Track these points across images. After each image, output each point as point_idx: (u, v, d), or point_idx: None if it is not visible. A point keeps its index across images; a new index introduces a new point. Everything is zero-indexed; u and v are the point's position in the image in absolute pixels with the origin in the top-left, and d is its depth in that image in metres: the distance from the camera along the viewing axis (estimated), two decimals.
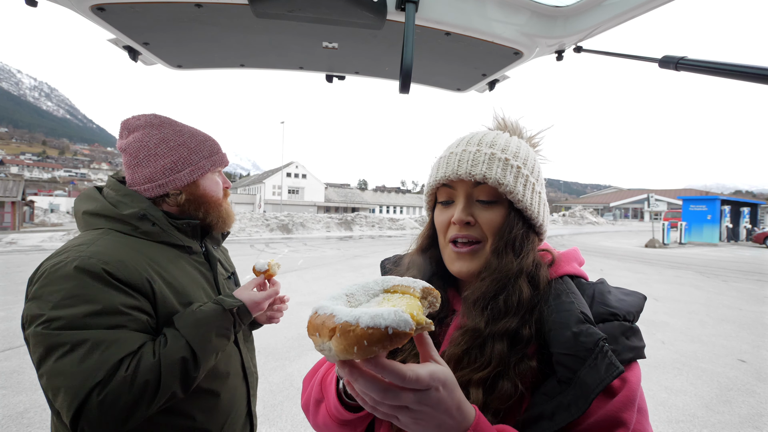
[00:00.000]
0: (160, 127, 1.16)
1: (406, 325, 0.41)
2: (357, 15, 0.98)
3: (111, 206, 1.09)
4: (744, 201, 29.33)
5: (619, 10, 0.99)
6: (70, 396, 0.84)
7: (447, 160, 0.76)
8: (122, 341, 0.91)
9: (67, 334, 0.87)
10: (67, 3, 0.94)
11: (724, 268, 12.74)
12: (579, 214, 51.37)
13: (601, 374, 0.56)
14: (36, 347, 0.88)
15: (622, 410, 0.59)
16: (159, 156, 1.13)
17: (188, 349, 0.97)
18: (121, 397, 0.86)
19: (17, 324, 5.66)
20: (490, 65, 1.30)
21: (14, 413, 3.36)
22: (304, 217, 28.13)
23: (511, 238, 0.71)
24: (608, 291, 0.72)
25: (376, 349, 0.41)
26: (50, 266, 0.94)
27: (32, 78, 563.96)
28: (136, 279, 0.98)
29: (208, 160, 1.21)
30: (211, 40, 1.19)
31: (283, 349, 4.75)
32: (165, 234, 1.12)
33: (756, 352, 5.04)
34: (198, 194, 1.19)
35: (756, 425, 3.33)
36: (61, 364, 0.85)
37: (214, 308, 1.07)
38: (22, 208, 31.86)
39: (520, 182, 0.73)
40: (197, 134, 1.21)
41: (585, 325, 0.62)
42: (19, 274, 9.72)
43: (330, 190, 79.72)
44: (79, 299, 0.90)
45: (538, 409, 0.59)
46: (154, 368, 0.91)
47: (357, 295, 0.53)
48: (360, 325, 0.41)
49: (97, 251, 0.97)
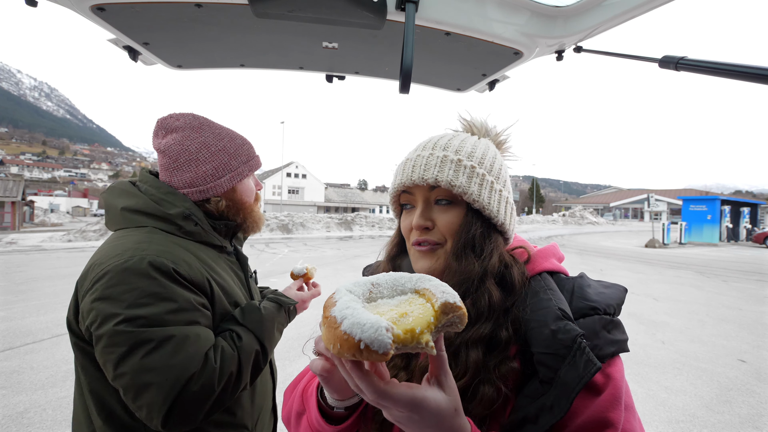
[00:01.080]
0: (200, 129, 1.14)
1: (381, 346, 0.38)
2: (357, 15, 0.98)
3: (154, 204, 1.07)
4: (744, 201, 29.33)
5: (619, 10, 0.99)
6: (165, 390, 0.85)
7: (403, 167, 0.76)
8: (202, 336, 0.94)
9: (151, 331, 0.87)
10: (67, 3, 0.94)
11: (724, 268, 12.74)
12: (579, 214, 51.37)
13: (580, 371, 0.55)
14: (116, 346, 0.86)
15: (608, 409, 0.57)
16: (200, 161, 1.12)
17: (258, 343, 1.04)
18: (214, 387, 0.91)
19: (17, 324, 5.66)
20: (490, 65, 1.30)
21: (14, 413, 3.36)
22: (304, 217, 28.13)
23: (470, 239, 0.70)
24: (588, 285, 0.70)
25: (347, 355, 0.39)
26: (117, 264, 0.92)
27: (32, 78, 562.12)
28: (199, 278, 1.01)
29: (246, 165, 1.20)
30: (211, 40, 1.19)
31: (283, 349, 4.74)
32: (206, 234, 1.12)
33: (756, 352, 5.04)
34: (236, 199, 1.19)
35: (756, 425, 3.33)
36: (150, 360, 0.85)
37: (275, 306, 1.15)
38: (22, 208, 31.85)
39: (474, 182, 0.71)
40: (235, 137, 1.20)
41: (563, 321, 0.60)
42: (19, 274, 9.71)
43: (330, 190, 79.70)
44: (157, 297, 0.90)
45: (522, 412, 0.58)
46: (235, 360, 0.97)
47: (382, 287, 0.50)
48: (340, 327, 0.40)
49: (161, 249, 0.97)
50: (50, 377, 4.03)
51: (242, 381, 0.99)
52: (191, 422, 0.89)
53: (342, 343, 0.39)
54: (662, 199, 64.15)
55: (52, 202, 67.77)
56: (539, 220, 47.01)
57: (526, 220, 45.78)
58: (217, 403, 0.93)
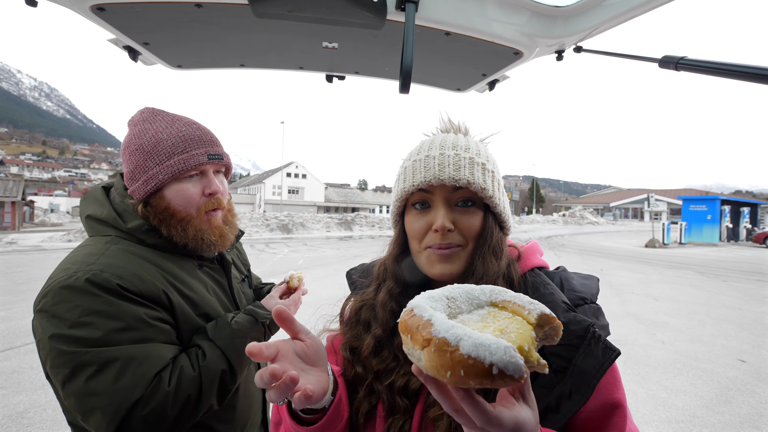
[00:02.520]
0: (132, 126, 1.07)
1: (517, 370, 0.34)
2: (357, 15, 0.97)
3: (115, 215, 1.03)
4: (744, 201, 29.33)
5: (619, 10, 0.99)
6: (109, 415, 0.80)
7: (425, 164, 0.73)
8: (154, 355, 0.88)
9: (94, 353, 0.82)
10: (67, 3, 0.94)
11: (724, 268, 12.74)
12: (579, 214, 51.36)
13: (599, 359, 0.58)
14: (60, 368, 0.82)
15: (613, 391, 0.61)
16: (125, 162, 1.06)
17: (226, 362, 0.96)
18: (166, 412, 0.84)
19: (17, 324, 5.66)
20: (490, 65, 1.30)
21: (14, 413, 3.36)
22: (304, 217, 28.13)
23: (494, 243, 0.72)
24: (571, 277, 0.75)
25: (473, 383, 0.35)
26: (59, 280, 0.87)
27: (32, 78, 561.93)
28: (153, 292, 0.93)
29: (162, 167, 1.01)
30: (211, 40, 1.18)
31: None
32: (173, 246, 1.06)
33: (756, 352, 5.04)
34: (161, 207, 1.02)
35: (756, 425, 3.33)
36: (93, 384, 0.81)
37: (248, 320, 1.06)
38: (22, 208, 31.85)
39: (495, 186, 0.74)
40: (160, 132, 1.03)
41: (571, 313, 0.64)
42: (19, 274, 9.71)
43: (330, 190, 79.71)
44: (100, 315, 0.85)
45: (543, 403, 0.59)
46: (195, 382, 0.90)
47: (459, 301, 0.46)
48: (460, 350, 0.34)
49: (108, 263, 0.92)
50: None
51: (203, 404, 0.91)
52: None
53: (466, 368, 0.34)
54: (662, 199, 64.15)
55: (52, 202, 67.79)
56: (539, 220, 47.00)
57: (526, 220, 45.75)
58: (177, 427, 0.87)
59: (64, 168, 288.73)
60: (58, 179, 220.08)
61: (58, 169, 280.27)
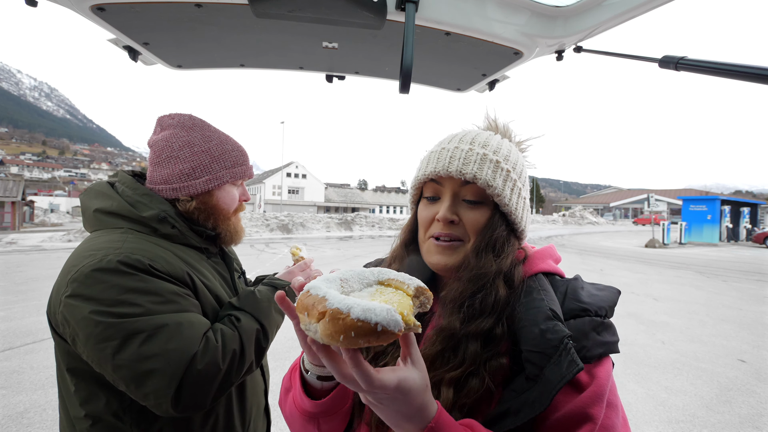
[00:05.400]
0: (190, 129, 1.15)
1: (396, 325, 0.41)
2: (357, 15, 0.97)
3: (129, 206, 1.06)
4: (744, 201, 29.33)
5: (619, 10, 0.99)
6: (168, 374, 0.85)
7: (438, 155, 0.75)
8: (196, 322, 0.94)
9: (143, 320, 0.86)
10: (67, 3, 0.94)
11: (724, 268, 12.74)
12: (579, 214, 51.37)
13: (562, 371, 0.57)
14: (109, 340, 0.84)
15: (589, 405, 0.59)
16: (180, 159, 1.12)
17: (257, 323, 1.05)
18: (219, 365, 0.91)
19: (17, 324, 5.66)
20: (490, 65, 1.30)
21: (14, 413, 3.36)
22: (304, 217, 28.13)
23: (493, 240, 0.71)
24: (581, 287, 0.72)
25: (361, 342, 0.41)
26: (88, 264, 0.89)
27: (32, 78, 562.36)
28: (179, 273, 1.00)
29: (229, 171, 1.17)
30: (211, 40, 1.19)
31: (282, 349, 4.74)
32: (183, 237, 1.11)
33: (756, 352, 5.04)
34: (210, 204, 1.16)
35: (756, 425, 3.33)
36: (147, 348, 0.85)
37: (269, 289, 1.17)
38: (22, 208, 31.85)
39: (508, 186, 0.73)
40: (225, 142, 1.18)
41: (552, 322, 0.62)
42: (19, 274, 9.71)
43: (330, 190, 79.70)
44: (138, 292, 0.89)
45: (506, 405, 0.60)
46: (237, 339, 0.98)
47: (351, 282, 0.53)
48: (350, 316, 0.41)
49: (135, 248, 0.96)
50: (50, 377, 4.03)
51: (246, 359, 0.98)
52: (202, 403, 0.89)
53: (356, 330, 0.40)
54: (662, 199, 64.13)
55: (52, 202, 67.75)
56: (539, 220, 47.01)
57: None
58: (225, 382, 0.93)
59: (64, 168, 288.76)
60: (58, 179, 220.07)
61: (58, 169, 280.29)
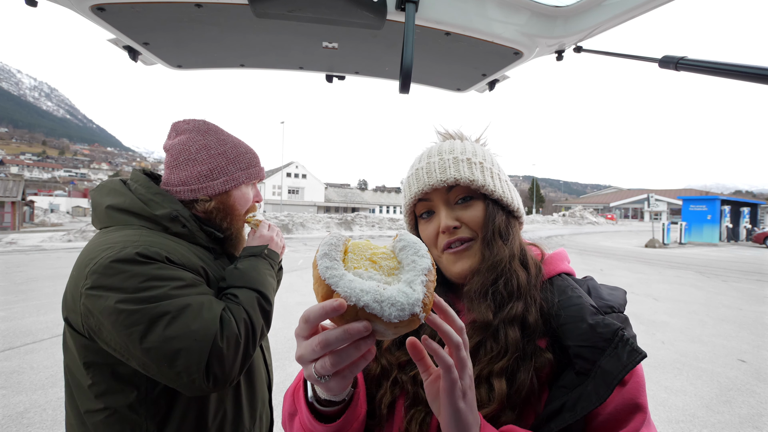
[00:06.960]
0: (205, 133, 1.20)
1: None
2: (357, 15, 0.97)
3: (142, 204, 1.08)
4: (744, 201, 29.33)
5: (619, 10, 0.99)
6: (197, 351, 0.88)
7: (416, 176, 0.80)
8: (214, 301, 1.00)
9: (166, 303, 0.90)
10: (67, 3, 0.94)
11: (724, 268, 12.74)
12: (579, 214, 51.36)
13: (623, 361, 0.59)
14: (135, 325, 0.86)
15: (636, 396, 0.61)
16: (198, 161, 1.16)
17: (253, 290, 1.09)
18: (237, 337, 0.96)
19: (17, 324, 5.66)
20: (490, 65, 1.30)
21: (14, 413, 3.36)
22: (304, 217, 28.13)
23: (497, 226, 0.75)
24: (599, 286, 0.77)
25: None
26: (107, 256, 0.91)
27: (32, 78, 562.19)
28: (194, 265, 1.05)
29: (244, 173, 1.23)
30: (211, 40, 1.19)
31: (283, 349, 4.75)
32: (193, 236, 1.13)
33: (756, 352, 5.04)
34: (228, 204, 1.21)
35: (756, 425, 3.33)
36: (173, 329, 0.88)
37: (248, 258, 1.19)
38: (22, 208, 31.85)
39: (487, 175, 0.78)
40: (239, 145, 1.24)
41: (600, 316, 0.65)
42: (19, 274, 9.71)
43: (330, 190, 79.71)
44: (159, 279, 0.92)
45: (559, 402, 0.61)
46: (242, 311, 1.03)
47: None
48: None
49: (151, 241, 0.99)
50: (50, 377, 4.03)
51: (256, 327, 1.03)
52: (230, 375, 0.93)
53: None
54: (662, 199, 64.14)
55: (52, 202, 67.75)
56: (539, 220, 47.00)
57: (527, 220, 45.62)
58: (246, 353, 0.99)
59: (64, 168, 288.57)
60: (58, 179, 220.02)
61: (58, 169, 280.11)
